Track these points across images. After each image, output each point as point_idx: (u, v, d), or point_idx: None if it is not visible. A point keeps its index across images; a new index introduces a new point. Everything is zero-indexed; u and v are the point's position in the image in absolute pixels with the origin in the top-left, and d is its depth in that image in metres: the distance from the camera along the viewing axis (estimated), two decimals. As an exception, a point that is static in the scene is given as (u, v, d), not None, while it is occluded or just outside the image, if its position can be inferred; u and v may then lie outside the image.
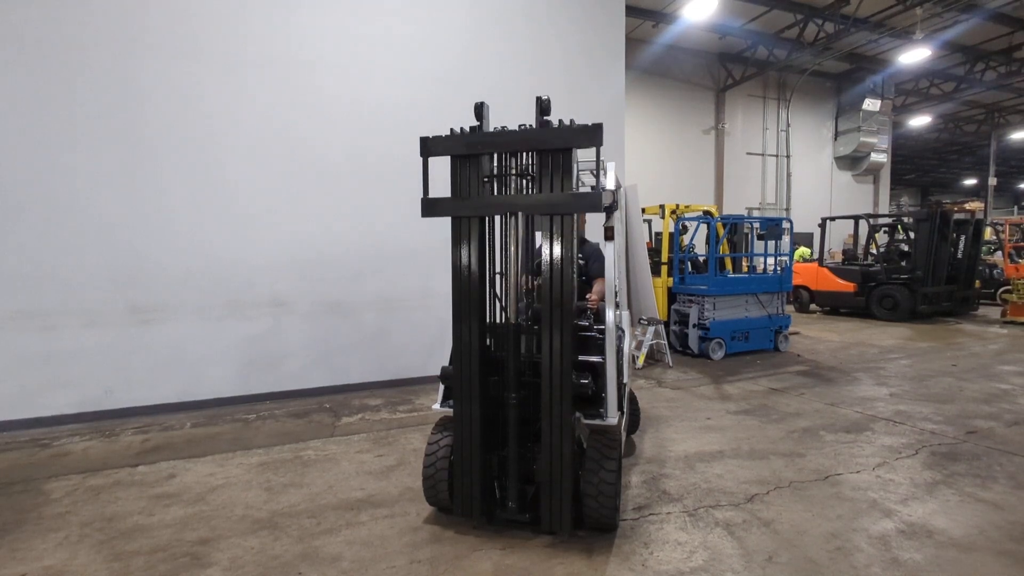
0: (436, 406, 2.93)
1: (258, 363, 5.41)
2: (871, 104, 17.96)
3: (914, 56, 14.20)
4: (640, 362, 6.76)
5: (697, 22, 12.92)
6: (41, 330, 4.65)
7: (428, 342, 5.97)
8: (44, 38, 4.59)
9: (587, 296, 3.37)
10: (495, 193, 2.61)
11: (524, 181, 2.59)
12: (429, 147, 2.58)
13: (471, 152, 2.53)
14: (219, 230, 5.20)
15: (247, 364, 5.37)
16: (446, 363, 2.88)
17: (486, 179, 2.59)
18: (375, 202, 5.78)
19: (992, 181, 22.52)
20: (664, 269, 7.83)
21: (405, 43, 5.86)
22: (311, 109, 5.50)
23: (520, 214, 2.61)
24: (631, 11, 11.85)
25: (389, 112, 5.76)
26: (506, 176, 2.61)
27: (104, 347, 4.86)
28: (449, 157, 2.61)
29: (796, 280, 11.61)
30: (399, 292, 5.94)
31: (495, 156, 2.63)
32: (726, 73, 16.41)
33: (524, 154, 2.59)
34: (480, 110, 2.61)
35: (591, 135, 2.38)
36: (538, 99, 2.49)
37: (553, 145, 2.43)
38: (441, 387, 2.92)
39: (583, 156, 2.83)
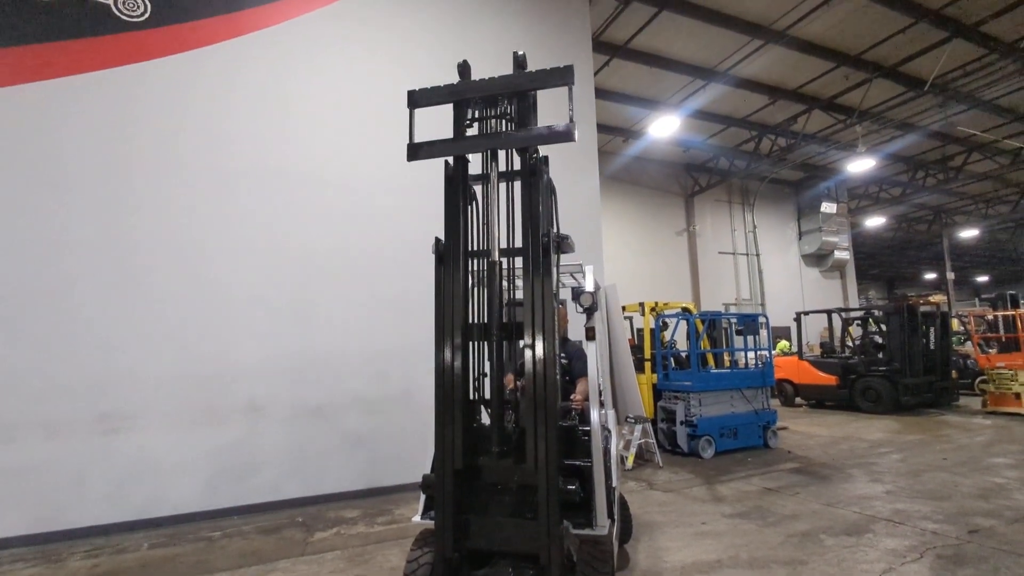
0: (417, 518, 2.77)
1: (228, 473, 5.11)
2: (828, 207, 19.33)
3: (860, 166, 15.59)
4: (629, 463, 6.54)
5: (662, 138, 14.18)
6: (-2, 443, 4.39)
7: (410, 447, 5.73)
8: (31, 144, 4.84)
9: (571, 396, 3.35)
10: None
11: (503, 123, 2.69)
12: (416, 99, 2.71)
13: (455, 99, 2.67)
14: (201, 333, 5.17)
15: (217, 475, 5.07)
16: (428, 470, 2.77)
17: (468, 123, 2.70)
18: (360, 303, 5.86)
19: (950, 275, 23.74)
20: (647, 366, 7.86)
21: (393, 157, 6.26)
22: (298, 216, 5.73)
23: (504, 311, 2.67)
24: (603, 128, 13.03)
25: (377, 217, 6.02)
26: (487, 120, 2.70)
27: (63, 460, 4.57)
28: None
29: (779, 374, 11.68)
30: (381, 394, 5.82)
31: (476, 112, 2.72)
32: (693, 181, 17.71)
33: (502, 104, 2.68)
34: (464, 69, 2.78)
35: (563, 74, 2.53)
36: (515, 54, 2.69)
37: (529, 87, 2.60)
38: (422, 497, 2.78)
39: (564, 260, 2.97)
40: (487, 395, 2.71)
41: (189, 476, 4.97)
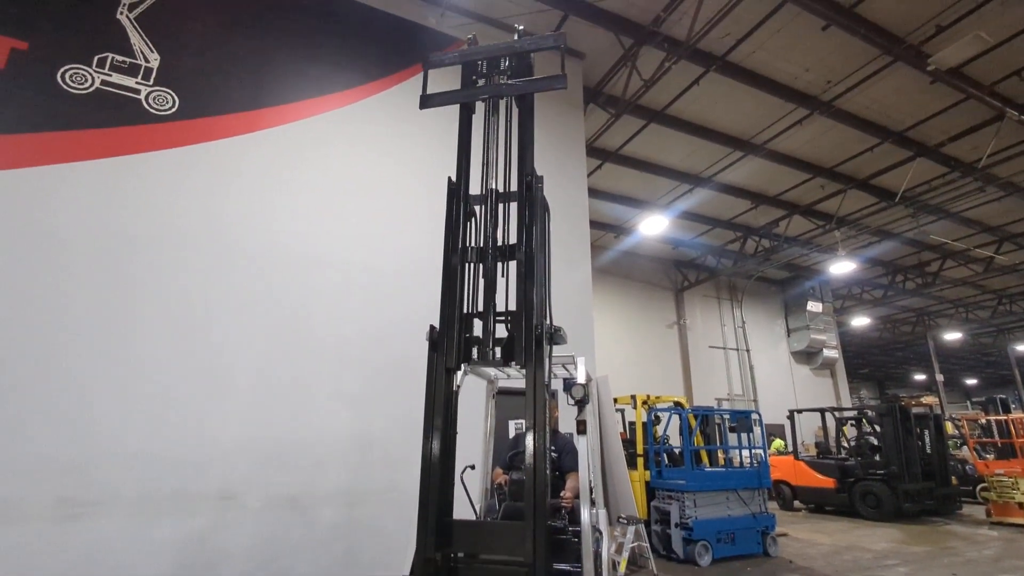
0: (393, 624, 2.57)
1: (192, 568, 4.74)
2: (814, 306, 19.73)
3: (842, 268, 16.20)
4: (622, 569, 6.12)
5: (652, 235, 14.81)
6: (-53, 527, 4.10)
7: (389, 544, 5.38)
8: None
9: (561, 493, 3.25)
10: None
11: (503, 78, 3.16)
12: (432, 60, 3.20)
13: (464, 61, 3.15)
14: (184, 410, 5.04)
15: (179, 569, 4.69)
16: (407, 570, 2.62)
17: (474, 78, 3.14)
18: (350, 386, 5.77)
19: (939, 377, 23.77)
20: (640, 461, 7.62)
21: (393, 243, 6.49)
22: (296, 297, 5.81)
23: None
24: (595, 224, 13.61)
25: (374, 301, 6.11)
26: (491, 76, 3.17)
27: (11, 549, 4.23)
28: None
29: (775, 474, 11.29)
30: (363, 483, 5.56)
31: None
32: (682, 276, 18.22)
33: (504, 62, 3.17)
34: (473, 40, 3.23)
35: (555, 39, 3.10)
36: (516, 27, 3.19)
37: (527, 49, 3.11)
38: (400, 601, 2.60)
39: (556, 351, 3.01)
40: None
41: (144, 571, 4.59)
